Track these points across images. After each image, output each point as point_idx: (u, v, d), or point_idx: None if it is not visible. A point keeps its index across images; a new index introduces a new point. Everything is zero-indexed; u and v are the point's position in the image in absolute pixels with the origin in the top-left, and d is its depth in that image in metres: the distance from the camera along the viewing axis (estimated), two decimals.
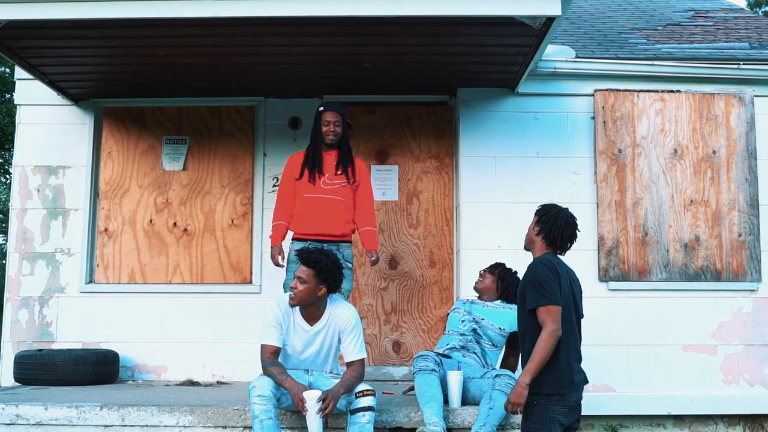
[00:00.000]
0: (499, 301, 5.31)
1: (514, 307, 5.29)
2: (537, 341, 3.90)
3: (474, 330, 5.13)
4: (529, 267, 4.11)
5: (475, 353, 5.09)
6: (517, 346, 5.32)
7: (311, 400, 4.26)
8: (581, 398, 4.07)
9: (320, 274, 4.45)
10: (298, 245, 5.35)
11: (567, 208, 4.23)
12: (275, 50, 5.92)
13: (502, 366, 5.29)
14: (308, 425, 4.30)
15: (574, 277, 4.19)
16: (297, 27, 5.35)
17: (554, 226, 4.13)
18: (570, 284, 4.10)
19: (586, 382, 4.13)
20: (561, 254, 4.22)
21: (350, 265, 5.58)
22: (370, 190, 5.77)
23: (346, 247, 5.55)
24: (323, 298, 4.57)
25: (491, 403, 4.53)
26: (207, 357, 6.58)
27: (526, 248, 4.32)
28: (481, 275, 5.42)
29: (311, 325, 4.59)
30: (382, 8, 4.95)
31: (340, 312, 4.62)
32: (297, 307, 4.56)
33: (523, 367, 4.06)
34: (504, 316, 5.18)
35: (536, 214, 4.26)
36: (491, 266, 5.45)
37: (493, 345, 5.16)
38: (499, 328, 5.14)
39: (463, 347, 5.11)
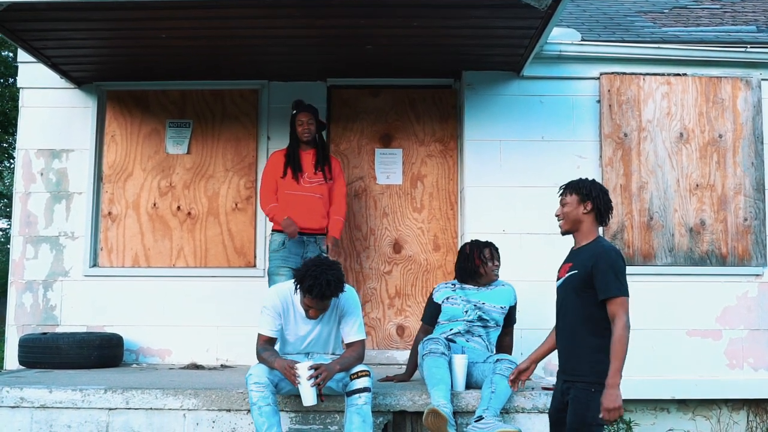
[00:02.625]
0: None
1: (506, 284, 5.33)
2: (613, 337, 3.72)
3: (480, 317, 5.15)
4: (603, 254, 3.83)
5: (480, 336, 5.14)
6: (511, 324, 5.32)
7: (302, 369, 4.28)
8: None
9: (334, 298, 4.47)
10: (280, 236, 5.83)
11: (594, 180, 4.05)
12: (279, 33, 5.88)
13: (497, 346, 5.30)
14: (302, 397, 4.31)
15: None
16: (301, 9, 5.32)
17: (605, 199, 3.94)
18: None
19: None
20: (604, 227, 4.07)
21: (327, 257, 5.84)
22: (344, 185, 6.16)
23: (323, 240, 5.95)
24: None
25: (493, 386, 4.56)
26: (211, 340, 6.59)
27: (566, 233, 4.05)
28: (491, 267, 5.23)
29: None
30: None
31: (340, 295, 4.61)
32: (297, 297, 4.54)
33: (564, 355, 3.97)
34: (502, 295, 5.26)
35: (576, 192, 3.97)
36: (498, 256, 5.31)
37: (497, 325, 5.23)
38: (501, 307, 5.22)
39: (467, 332, 5.13)
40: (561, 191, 4.08)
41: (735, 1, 8.46)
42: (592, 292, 3.82)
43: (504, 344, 5.34)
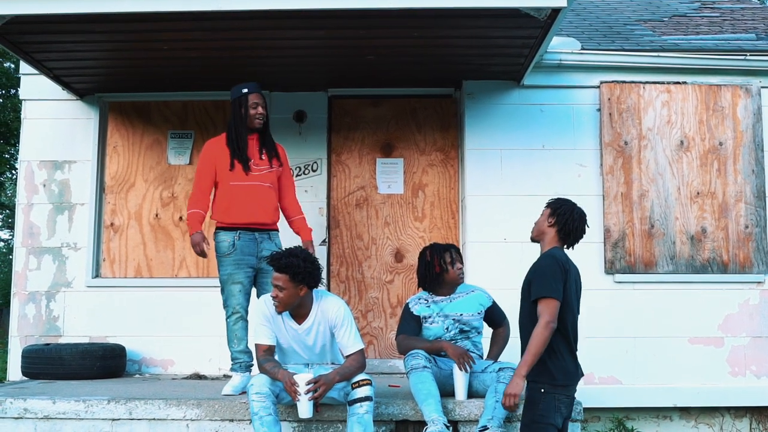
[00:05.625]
0: (458, 287, 5.16)
1: (476, 288, 5.24)
2: (533, 333, 3.98)
3: (461, 330, 5.06)
4: (538, 260, 4.17)
5: (467, 349, 5.05)
6: (500, 323, 5.24)
7: (302, 382, 4.28)
8: (576, 391, 4.18)
9: (295, 276, 4.39)
10: (227, 236, 5.23)
11: (574, 203, 4.29)
12: (280, 44, 5.91)
13: (492, 341, 5.23)
14: (298, 409, 4.31)
15: (578, 275, 4.24)
16: (301, 20, 5.33)
17: (570, 219, 4.18)
18: (576, 281, 4.17)
19: (582, 374, 4.22)
20: (569, 249, 4.28)
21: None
22: (292, 176, 5.59)
23: (276, 235, 5.40)
24: (307, 296, 4.53)
25: (497, 396, 4.52)
26: (213, 350, 6.57)
27: (534, 240, 4.36)
28: (455, 271, 5.07)
29: (300, 323, 4.58)
30: (388, 0, 4.95)
31: (327, 307, 4.58)
32: None
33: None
34: (474, 301, 5.11)
35: (549, 206, 4.28)
36: (460, 258, 5.17)
37: (478, 332, 5.11)
38: (477, 314, 5.08)
39: None
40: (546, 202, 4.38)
41: (734, 9, 8.48)
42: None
43: (499, 337, 5.23)
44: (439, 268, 5.06)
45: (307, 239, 5.50)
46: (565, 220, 4.18)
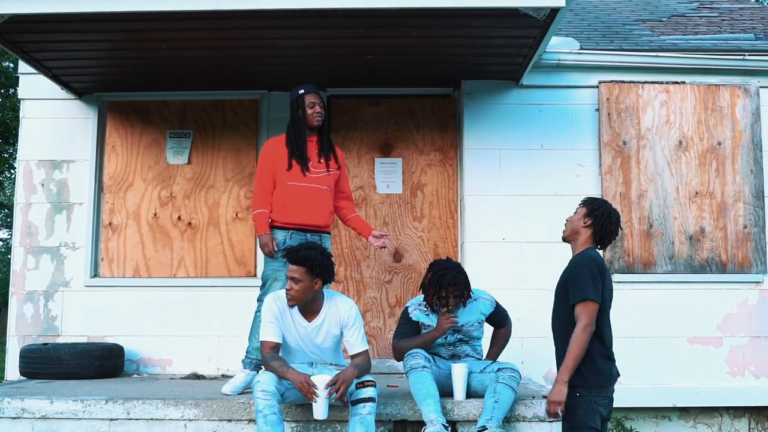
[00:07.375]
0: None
1: (477, 293, 5.06)
2: (572, 337, 3.92)
3: (460, 339, 5.02)
4: (575, 261, 4.08)
5: (467, 355, 5.03)
6: (501, 323, 5.15)
7: (321, 384, 4.26)
8: (614, 391, 4.13)
9: (313, 269, 4.42)
10: (280, 234, 5.23)
11: (610, 204, 4.24)
12: (278, 43, 5.91)
13: (492, 341, 5.19)
14: (314, 410, 4.30)
15: (611, 277, 4.20)
16: (300, 19, 5.33)
17: (607, 222, 4.11)
18: (610, 282, 4.14)
19: (619, 375, 4.18)
20: (602, 251, 4.22)
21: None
22: (347, 177, 5.63)
23: (327, 238, 5.37)
24: (319, 291, 4.56)
25: (496, 396, 4.51)
26: (212, 350, 6.59)
27: (566, 239, 4.27)
28: (449, 309, 4.82)
29: (309, 320, 4.58)
30: (387, 0, 4.95)
31: (338, 305, 4.61)
32: None
33: (558, 360, 4.06)
34: (475, 309, 5.00)
35: (585, 206, 4.20)
36: (456, 300, 4.85)
37: (477, 339, 5.06)
38: (477, 323, 5.00)
39: (453, 355, 5.02)
40: (581, 201, 4.30)
41: (733, 9, 8.49)
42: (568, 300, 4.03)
43: (499, 337, 5.17)
44: (431, 299, 4.90)
45: (368, 233, 5.56)
46: (602, 222, 4.11)
